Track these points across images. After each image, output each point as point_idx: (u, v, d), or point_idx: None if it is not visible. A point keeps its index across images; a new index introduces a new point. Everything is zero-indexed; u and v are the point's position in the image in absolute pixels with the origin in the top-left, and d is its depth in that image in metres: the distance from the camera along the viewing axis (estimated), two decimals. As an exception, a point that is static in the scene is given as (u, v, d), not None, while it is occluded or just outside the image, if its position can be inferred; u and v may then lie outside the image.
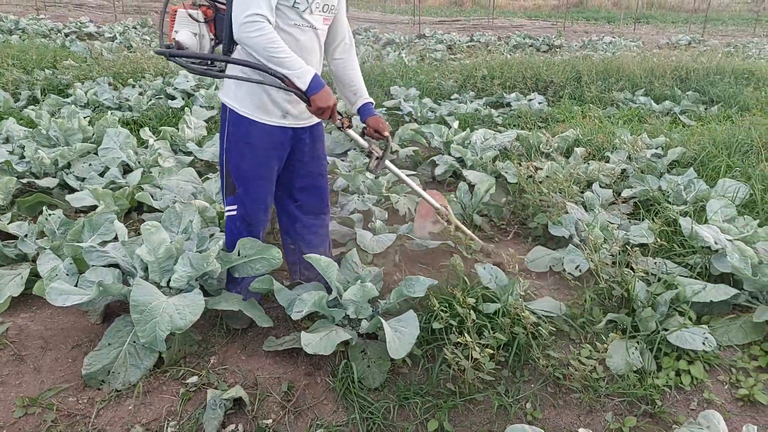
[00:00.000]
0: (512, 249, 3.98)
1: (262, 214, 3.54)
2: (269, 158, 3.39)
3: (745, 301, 3.83)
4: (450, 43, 20.79)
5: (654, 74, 11.34)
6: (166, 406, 3.03)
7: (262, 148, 3.33)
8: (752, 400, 3.18)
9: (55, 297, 3.10)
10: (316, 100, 3.02)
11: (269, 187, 3.50)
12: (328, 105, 3.05)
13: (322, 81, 3.04)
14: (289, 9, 3.04)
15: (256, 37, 2.86)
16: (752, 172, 5.54)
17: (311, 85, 2.99)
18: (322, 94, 3.02)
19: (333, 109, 3.10)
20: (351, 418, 3.00)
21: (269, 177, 3.46)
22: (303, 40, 3.15)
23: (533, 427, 2.32)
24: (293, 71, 2.96)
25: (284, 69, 2.96)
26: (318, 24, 3.19)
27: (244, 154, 3.34)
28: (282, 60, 2.93)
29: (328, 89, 3.05)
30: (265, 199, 3.51)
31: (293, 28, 3.09)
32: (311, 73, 2.99)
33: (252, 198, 3.44)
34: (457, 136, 6.91)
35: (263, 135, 3.29)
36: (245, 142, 3.30)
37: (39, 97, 9.32)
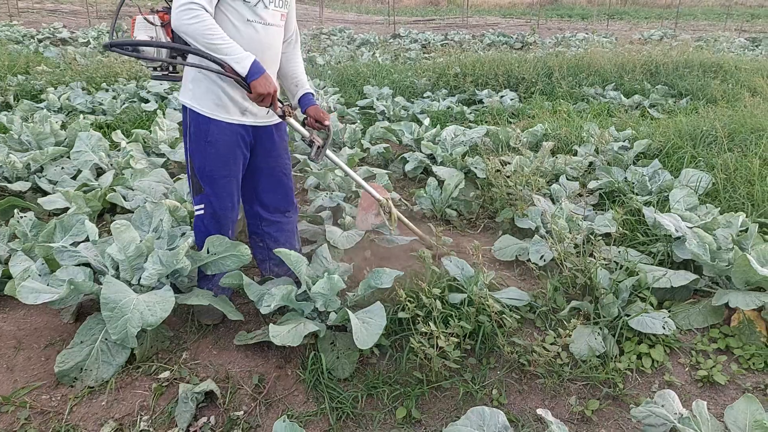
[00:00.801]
0: (478, 241, 4.04)
1: (229, 212, 3.56)
2: (232, 156, 3.40)
3: (705, 286, 3.94)
4: (424, 43, 20.92)
5: (624, 69, 11.49)
6: (138, 401, 3.08)
7: (224, 146, 3.34)
8: (711, 381, 3.28)
9: (26, 295, 3.14)
10: (256, 86, 3.00)
11: (235, 185, 3.52)
12: (268, 91, 3.04)
13: (262, 67, 3.02)
14: (241, 4, 3.06)
15: (192, 24, 2.85)
16: (715, 162, 5.67)
17: (251, 70, 2.98)
18: (261, 80, 3.00)
19: (274, 96, 3.10)
20: (321, 408, 3.07)
21: (234, 175, 3.47)
22: (259, 36, 3.17)
23: (492, 409, 2.40)
24: (231, 56, 2.94)
25: (222, 55, 2.94)
26: (275, 20, 3.23)
27: (207, 154, 3.35)
28: (219, 46, 2.91)
29: (268, 75, 3.04)
30: (232, 197, 3.53)
31: (246, 25, 3.12)
32: (250, 58, 2.97)
33: (219, 196, 3.46)
34: (427, 133, 6.99)
35: (224, 133, 3.31)
36: (206, 141, 3.31)
37: (12, 103, 9.30)
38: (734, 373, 3.34)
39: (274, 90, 3.08)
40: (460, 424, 2.38)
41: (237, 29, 3.09)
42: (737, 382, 3.29)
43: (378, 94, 10.12)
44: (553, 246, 4.09)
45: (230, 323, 3.69)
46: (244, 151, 3.46)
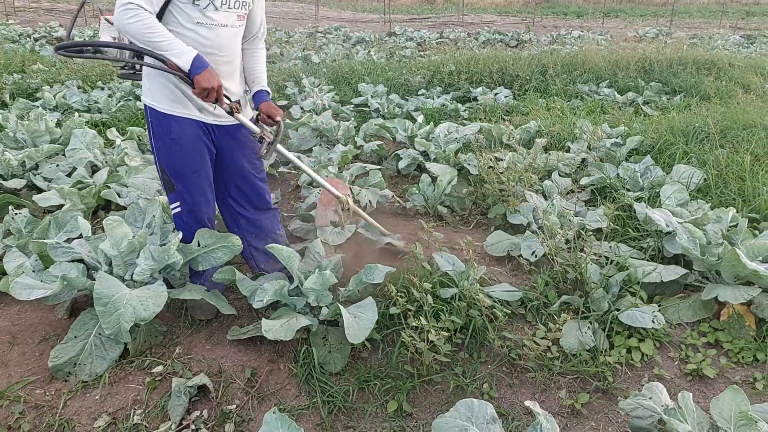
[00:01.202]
0: (470, 237, 4.06)
1: (204, 206, 3.58)
2: (197, 151, 3.40)
3: (695, 280, 3.98)
4: (420, 41, 20.92)
5: (618, 66, 11.52)
6: (132, 395, 3.10)
7: (188, 142, 3.35)
8: (701, 374, 3.32)
9: (19, 291, 3.17)
10: (199, 81, 2.98)
11: (205, 179, 3.52)
12: (212, 86, 3.01)
13: (205, 62, 3.00)
14: (190, 6, 3.05)
15: (132, 23, 2.86)
16: (707, 158, 5.70)
17: (193, 64, 2.96)
18: (204, 75, 2.98)
19: (218, 92, 3.07)
20: (313, 401, 3.10)
21: (203, 169, 3.47)
22: (211, 38, 3.16)
23: (480, 401, 2.43)
24: (172, 52, 2.94)
25: (163, 51, 2.94)
26: (229, 21, 3.21)
27: (172, 151, 3.36)
28: (159, 43, 2.91)
29: (212, 71, 3.02)
30: (205, 192, 3.55)
31: (197, 27, 3.10)
32: (192, 53, 2.96)
33: (191, 192, 3.48)
34: (421, 130, 7.01)
35: (184, 128, 3.31)
36: (170, 138, 3.32)
37: (8, 101, 9.31)
38: (723, 366, 3.38)
39: (218, 85, 3.04)
40: (448, 416, 2.40)
41: (187, 30, 3.09)
42: (726, 376, 3.32)
43: (372, 91, 10.14)
44: (544, 241, 4.12)
45: (223, 318, 3.72)
46: (209, 146, 3.46)
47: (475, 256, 3.94)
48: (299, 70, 12.42)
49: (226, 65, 3.30)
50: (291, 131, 7.25)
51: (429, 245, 4.30)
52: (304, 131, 7.28)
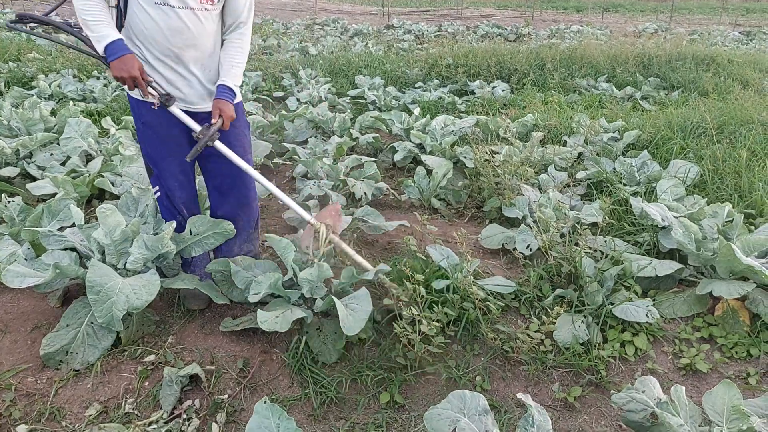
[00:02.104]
0: (465, 230, 4.06)
1: (177, 191, 3.55)
2: (169, 135, 3.35)
3: (689, 275, 3.98)
4: (418, 34, 20.86)
5: (617, 61, 11.51)
6: (124, 384, 3.10)
7: (158, 126, 3.31)
8: (694, 369, 3.32)
9: (11, 279, 3.15)
10: (113, 68, 2.90)
11: (178, 164, 3.45)
12: (124, 75, 2.92)
13: (124, 49, 2.92)
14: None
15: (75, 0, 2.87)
16: (704, 154, 5.70)
17: (107, 50, 2.90)
18: (118, 63, 2.90)
19: (137, 81, 2.97)
20: (305, 392, 3.09)
21: (175, 153, 3.41)
22: (168, 20, 3.03)
23: (473, 392, 2.42)
24: (94, 34, 2.90)
25: (88, 31, 2.91)
26: (191, 3, 3.06)
27: (146, 136, 3.37)
28: (88, 22, 2.88)
29: (129, 58, 2.92)
30: (176, 177, 3.50)
31: (155, 8, 3.00)
32: (110, 38, 2.90)
33: (164, 177, 3.47)
34: (417, 123, 7.00)
35: (154, 113, 3.25)
36: (141, 122, 3.33)
37: (2, 90, 9.25)
38: (717, 361, 3.38)
39: (132, 75, 2.93)
40: (440, 407, 2.40)
41: (146, 12, 3.00)
42: (720, 371, 3.32)
43: (369, 83, 10.12)
44: (539, 235, 4.11)
45: (216, 308, 3.70)
46: (181, 132, 3.37)
47: (470, 249, 3.92)
48: (296, 61, 12.39)
49: (189, 50, 3.16)
50: (287, 122, 7.22)
51: (423, 237, 4.30)
52: (300, 123, 7.26)
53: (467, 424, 2.31)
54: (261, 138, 6.77)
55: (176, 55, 3.13)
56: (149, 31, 3.03)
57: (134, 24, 3.04)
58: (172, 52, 3.10)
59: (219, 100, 3.28)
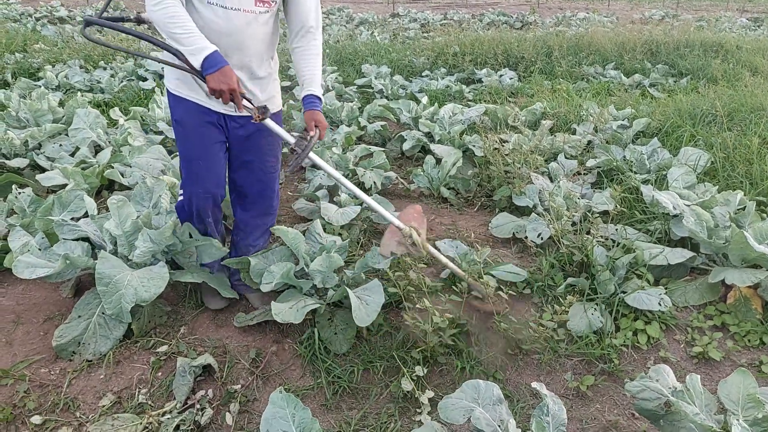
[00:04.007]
0: (475, 220, 4.05)
1: (201, 199, 3.32)
2: (199, 137, 3.16)
3: (701, 263, 3.96)
4: (423, 22, 20.78)
5: (625, 48, 11.45)
6: (137, 374, 3.10)
7: (192, 127, 3.14)
8: (707, 357, 3.31)
9: (22, 270, 3.16)
10: (210, 81, 2.75)
11: (208, 169, 3.24)
12: (223, 88, 2.77)
13: (221, 61, 2.76)
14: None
15: (156, 11, 2.71)
16: (714, 141, 5.67)
17: (205, 63, 2.74)
18: (217, 75, 2.75)
19: (234, 94, 2.82)
20: (317, 382, 3.10)
21: (205, 157, 3.21)
22: (218, 21, 2.89)
23: (487, 382, 2.42)
24: (188, 47, 2.74)
25: (180, 45, 2.75)
26: (245, 5, 2.92)
27: (177, 134, 3.22)
28: (178, 36, 2.72)
29: (226, 71, 2.77)
30: (204, 182, 3.26)
31: (207, 8, 2.87)
32: (207, 50, 2.73)
33: (193, 181, 3.26)
34: (425, 112, 6.98)
35: (189, 112, 3.11)
36: (176, 120, 3.17)
37: (9, 81, 9.26)
38: (729, 349, 3.37)
39: (231, 88, 2.79)
40: (455, 396, 2.40)
41: (197, 12, 2.87)
42: (732, 359, 3.31)
43: (376, 72, 10.09)
44: (550, 223, 4.09)
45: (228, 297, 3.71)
46: (216, 134, 3.21)
47: (480, 238, 3.91)
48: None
49: (236, 53, 3.00)
50: (294, 112, 7.21)
51: (433, 227, 4.29)
52: (308, 112, 7.23)
53: (482, 414, 2.31)
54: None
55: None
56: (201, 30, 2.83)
57: None
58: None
59: (312, 111, 3.20)
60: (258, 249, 3.66)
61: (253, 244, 3.68)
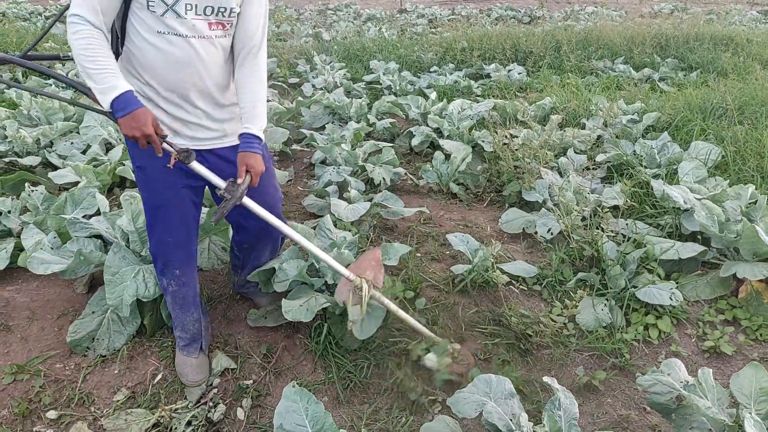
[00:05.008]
0: (485, 215, 4.05)
1: (170, 249, 2.93)
2: (165, 182, 2.76)
3: (712, 258, 3.95)
4: (431, 17, 20.74)
5: (634, 42, 11.39)
6: (150, 369, 3.13)
7: (153, 173, 2.74)
8: (718, 351, 3.31)
9: (36, 266, 3.19)
10: (122, 126, 2.38)
11: (176, 217, 2.87)
12: (140, 133, 2.38)
13: (134, 102, 2.37)
14: (147, 13, 2.45)
15: (73, 41, 2.34)
16: (725, 135, 5.64)
17: (114, 105, 2.35)
18: (128, 120, 2.36)
19: (150, 137, 2.41)
20: (329, 377, 3.12)
21: (172, 204, 2.83)
22: (173, 52, 2.52)
23: (498, 376, 2.43)
24: (98, 85, 2.35)
25: (90, 81, 2.37)
26: (199, 30, 2.53)
27: (139, 180, 2.82)
28: (89, 70, 2.34)
29: (141, 113, 2.38)
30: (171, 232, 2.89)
31: (157, 38, 2.49)
32: (117, 90, 2.34)
33: (160, 229, 2.88)
34: (434, 107, 6.97)
35: (148, 157, 2.66)
36: (137, 165, 2.77)
37: (20, 79, 9.30)
38: (741, 343, 3.37)
39: (144, 134, 2.39)
40: (467, 391, 2.41)
41: (146, 42, 2.50)
42: (744, 353, 3.31)
43: (384, 68, 10.08)
44: (560, 218, 4.09)
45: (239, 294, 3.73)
46: (184, 180, 2.79)
47: (490, 233, 3.91)
48: (310, 47, 12.37)
49: (196, 83, 2.63)
50: (303, 109, 7.22)
51: (443, 223, 4.30)
52: (317, 109, 7.26)
53: (494, 408, 2.33)
54: (278, 125, 6.78)
55: (181, 89, 2.61)
56: (150, 62, 2.53)
57: (133, 53, 2.56)
58: (176, 85, 2.59)
59: (245, 153, 2.72)
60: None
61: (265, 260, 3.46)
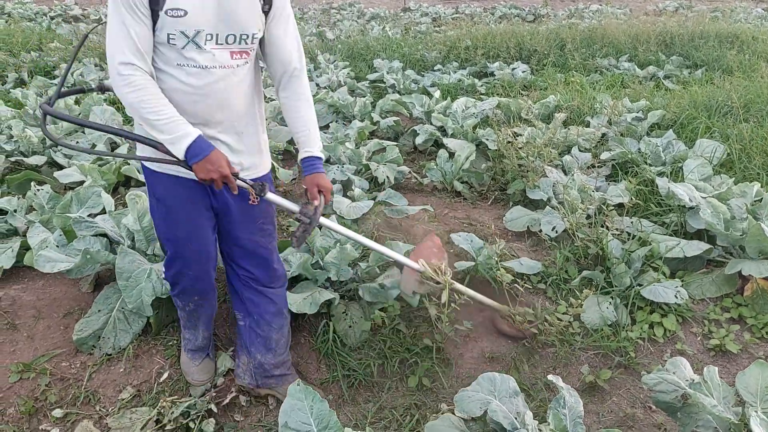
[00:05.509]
0: (489, 213, 4.05)
1: (192, 283, 2.86)
2: (186, 215, 2.68)
3: (718, 256, 3.94)
4: (435, 16, 20.72)
5: (638, 40, 11.35)
6: (156, 367, 3.14)
7: (173, 205, 2.65)
8: (724, 349, 3.31)
9: (43, 264, 3.21)
10: (198, 171, 2.34)
11: (199, 249, 2.78)
12: (216, 176, 2.35)
13: (207, 146, 2.34)
14: (166, 47, 2.35)
15: (127, 94, 2.26)
16: (730, 133, 5.63)
17: (188, 153, 2.31)
18: (204, 164, 2.33)
19: (227, 179, 2.38)
20: (333, 375, 3.13)
21: (194, 237, 2.73)
22: (193, 83, 2.40)
23: (502, 374, 2.43)
24: (167, 136, 2.30)
25: (156, 132, 2.32)
26: (221, 60, 2.42)
27: (159, 213, 2.73)
28: (154, 122, 2.29)
29: (215, 157, 2.34)
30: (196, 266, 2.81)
31: (177, 70, 2.39)
32: (189, 138, 2.30)
33: (181, 264, 2.81)
34: (438, 106, 6.97)
35: (169, 188, 2.62)
36: (155, 197, 2.69)
37: (26, 79, 9.34)
38: (747, 342, 3.37)
39: (222, 175, 2.36)
40: (471, 389, 2.41)
41: (166, 74, 2.39)
42: (750, 351, 3.31)
43: (388, 67, 10.07)
44: (565, 216, 4.09)
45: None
46: (202, 211, 2.70)
47: (494, 232, 3.91)
48: (314, 46, 12.36)
49: (217, 115, 2.51)
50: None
51: (447, 221, 4.30)
52: (321, 107, 7.25)
53: (498, 406, 2.33)
54: (282, 123, 6.77)
55: (203, 122, 2.48)
56: (170, 93, 2.39)
57: None
58: (196, 116, 2.45)
59: (313, 175, 2.72)
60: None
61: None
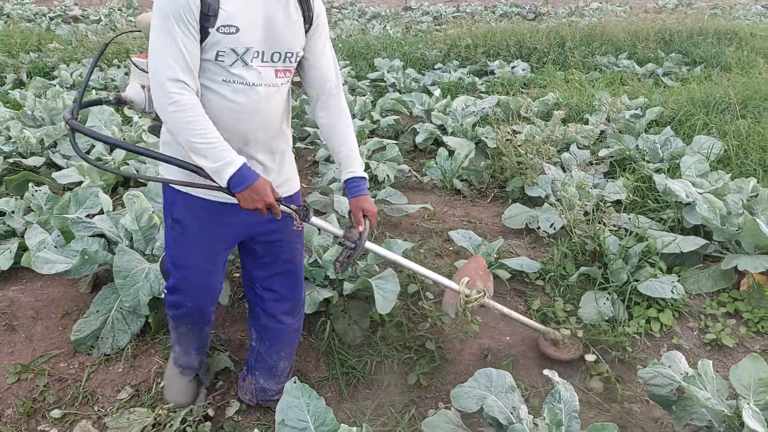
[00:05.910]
0: (488, 211, 4.06)
1: (189, 314, 2.74)
2: (206, 241, 2.55)
3: (714, 251, 3.95)
4: (436, 15, 20.73)
5: (637, 37, 11.36)
6: (154, 367, 3.15)
7: (191, 226, 2.52)
8: (720, 344, 3.32)
9: (41, 265, 3.21)
10: (242, 201, 2.23)
11: (208, 286, 2.68)
12: (261, 205, 2.24)
13: (252, 175, 2.22)
14: (212, 64, 2.25)
15: (172, 113, 2.13)
16: (728, 129, 5.64)
17: (231, 182, 2.19)
18: (250, 193, 2.22)
19: (272, 206, 2.27)
20: (332, 373, 3.13)
21: (205, 271, 2.62)
22: (239, 100, 2.30)
23: (499, 370, 2.44)
24: (212, 164, 2.17)
25: (199, 158, 2.19)
26: (266, 79, 2.33)
27: (175, 235, 2.58)
28: (200, 147, 2.15)
29: (260, 185, 2.23)
30: (198, 298, 2.68)
31: (221, 86, 2.28)
32: (235, 165, 2.18)
33: (183, 292, 2.67)
34: (438, 104, 6.99)
35: (194, 211, 2.48)
36: (171, 217, 2.54)
37: (25, 80, 9.37)
38: (743, 336, 3.38)
39: (267, 203, 2.25)
40: (467, 385, 2.42)
41: (210, 90, 2.28)
42: (746, 345, 3.32)
43: (389, 66, 10.09)
44: (562, 213, 4.10)
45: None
46: (224, 237, 2.58)
47: (493, 229, 3.93)
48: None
49: (261, 132, 2.41)
50: (307, 107, 7.24)
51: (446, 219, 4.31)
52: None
53: (494, 402, 2.34)
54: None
55: (243, 141, 2.37)
56: (215, 112, 2.27)
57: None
58: (237, 134, 2.34)
59: (358, 197, 2.58)
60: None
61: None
